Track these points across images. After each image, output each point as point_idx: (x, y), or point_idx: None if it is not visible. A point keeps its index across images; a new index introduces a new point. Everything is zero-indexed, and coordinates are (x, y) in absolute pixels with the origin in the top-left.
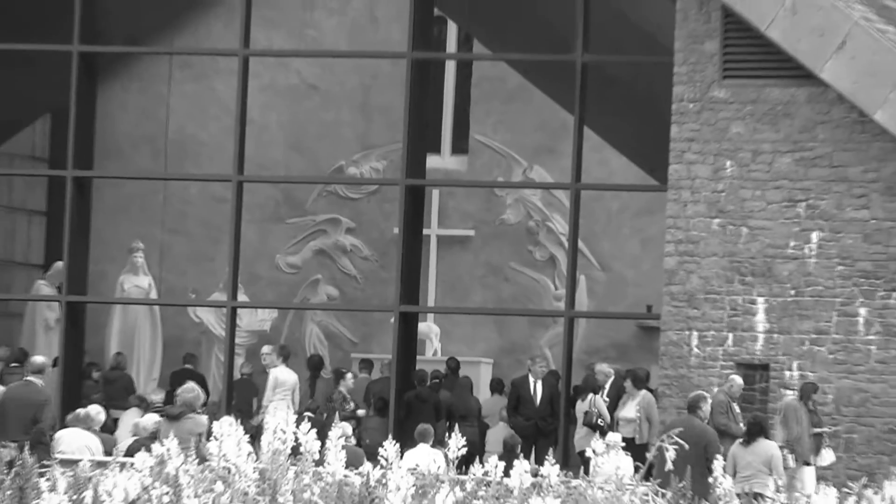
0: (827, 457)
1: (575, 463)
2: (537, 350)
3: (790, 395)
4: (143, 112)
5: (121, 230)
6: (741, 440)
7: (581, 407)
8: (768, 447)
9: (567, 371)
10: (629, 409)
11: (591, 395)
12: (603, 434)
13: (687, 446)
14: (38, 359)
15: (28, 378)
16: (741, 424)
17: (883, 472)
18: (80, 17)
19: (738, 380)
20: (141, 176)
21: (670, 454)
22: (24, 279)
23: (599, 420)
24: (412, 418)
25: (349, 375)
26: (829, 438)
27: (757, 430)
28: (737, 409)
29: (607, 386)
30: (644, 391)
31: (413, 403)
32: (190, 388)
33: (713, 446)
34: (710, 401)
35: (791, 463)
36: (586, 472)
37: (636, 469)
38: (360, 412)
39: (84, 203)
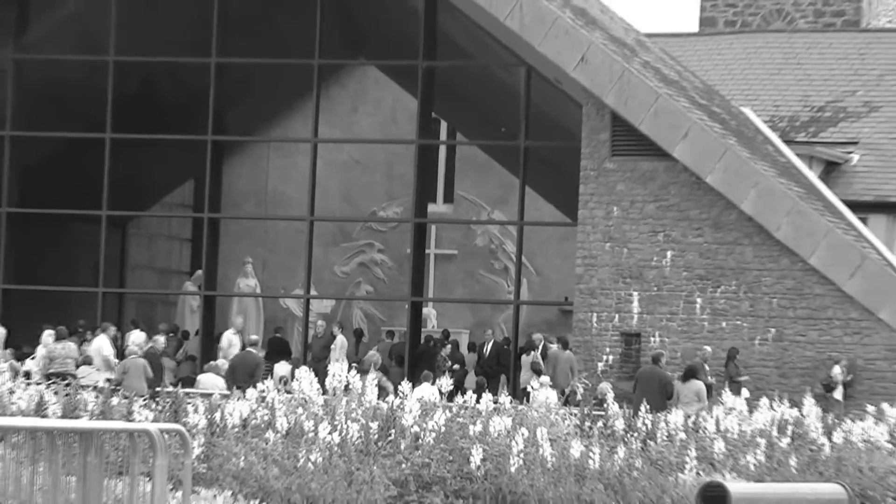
0: (744, 393)
1: (519, 395)
2: (496, 325)
3: (701, 354)
4: (251, 176)
5: (237, 250)
6: (679, 378)
7: (526, 360)
8: (698, 384)
9: (515, 337)
10: (564, 362)
11: (532, 352)
12: (539, 374)
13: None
14: (253, 337)
15: (248, 349)
16: (709, 377)
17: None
18: (212, 114)
19: (708, 349)
20: (250, 216)
21: (579, 389)
22: (178, 281)
23: (538, 367)
24: (420, 367)
25: (448, 346)
26: (744, 384)
27: (690, 374)
28: (706, 367)
29: (540, 346)
30: (568, 351)
31: (420, 357)
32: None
33: (668, 384)
34: (665, 355)
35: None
36: (527, 400)
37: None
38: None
39: (214, 233)
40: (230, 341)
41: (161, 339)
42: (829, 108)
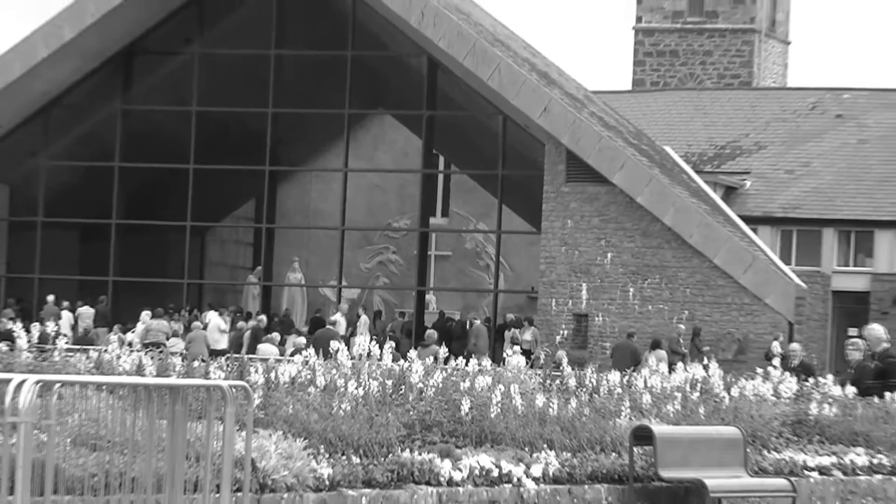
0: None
1: (498, 360)
2: (480, 308)
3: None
4: (298, 196)
5: (287, 252)
6: (649, 348)
7: (508, 335)
8: (661, 353)
9: (494, 318)
10: (528, 335)
11: (513, 329)
12: (515, 344)
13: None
14: (333, 318)
15: (328, 326)
16: (684, 349)
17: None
18: (269, 150)
19: (682, 327)
20: (297, 226)
21: (542, 355)
22: (243, 275)
23: (516, 340)
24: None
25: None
26: (706, 353)
27: (655, 345)
28: (681, 340)
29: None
30: (533, 327)
31: (425, 331)
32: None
33: (638, 353)
34: (635, 334)
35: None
36: (503, 364)
37: (530, 363)
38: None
39: (270, 239)
40: (337, 320)
41: (264, 318)
42: (728, 146)
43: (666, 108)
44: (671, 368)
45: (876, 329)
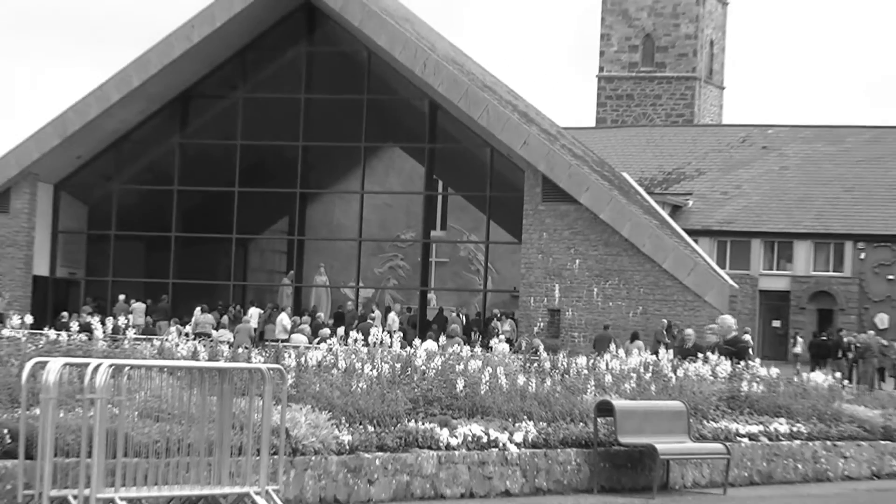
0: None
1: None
2: (472, 305)
3: (660, 325)
4: (323, 213)
5: (314, 259)
6: (629, 339)
7: (493, 325)
8: (639, 343)
9: (483, 312)
10: (507, 326)
11: (494, 321)
12: (498, 334)
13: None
14: (372, 315)
15: (368, 320)
16: (667, 339)
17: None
18: (300, 176)
19: (665, 321)
20: (323, 238)
21: (523, 343)
22: (278, 278)
23: (501, 332)
24: (426, 330)
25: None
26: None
27: (634, 336)
28: (664, 331)
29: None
30: (510, 319)
31: (428, 323)
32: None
33: (614, 341)
34: (610, 327)
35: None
36: (491, 350)
37: (514, 349)
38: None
39: (301, 248)
40: (375, 315)
41: (322, 315)
42: (674, 172)
43: (623, 141)
44: (656, 355)
45: (728, 319)
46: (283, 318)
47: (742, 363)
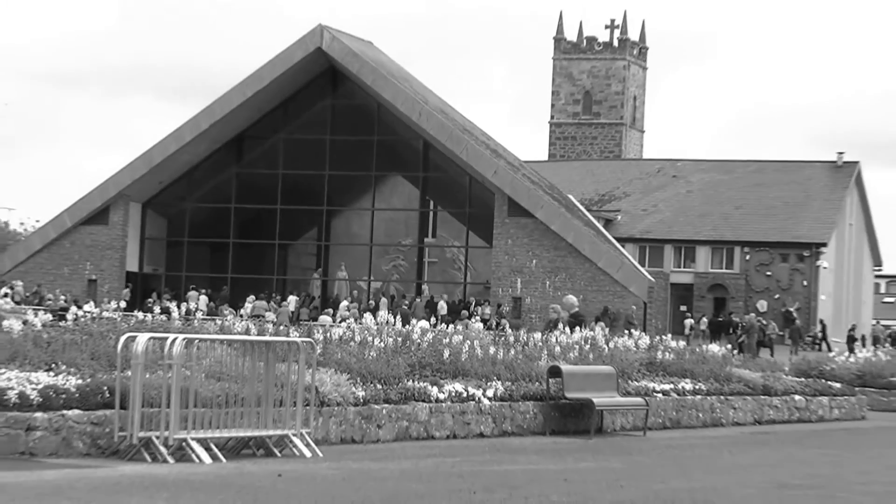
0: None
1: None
2: (456, 294)
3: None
4: (345, 225)
5: (337, 259)
6: (594, 321)
7: (472, 308)
8: (602, 324)
9: (464, 299)
10: (487, 309)
11: (479, 307)
12: (470, 317)
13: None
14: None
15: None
16: (634, 320)
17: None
18: (326, 196)
19: (634, 307)
20: (343, 243)
21: (494, 323)
22: (310, 274)
23: (482, 315)
24: (419, 314)
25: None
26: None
27: (598, 319)
28: (634, 316)
29: (473, 303)
30: (489, 305)
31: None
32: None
33: (583, 322)
34: (582, 311)
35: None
36: (467, 328)
37: (489, 327)
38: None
39: (327, 251)
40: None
41: (355, 305)
42: (606, 195)
43: (568, 171)
44: (629, 333)
45: (571, 298)
46: (330, 316)
47: (580, 329)
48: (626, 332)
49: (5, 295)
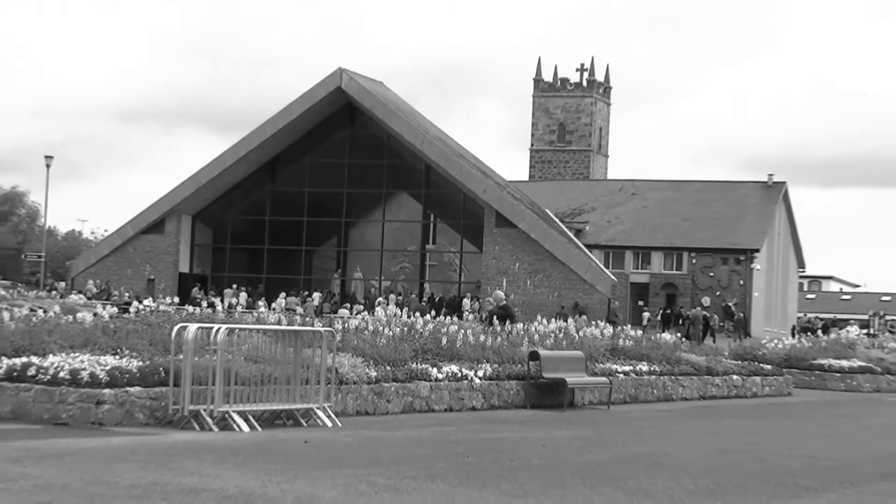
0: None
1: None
2: (453, 291)
3: (614, 306)
4: (360, 234)
5: (354, 262)
6: (577, 314)
7: (465, 304)
8: (584, 317)
9: (459, 295)
10: (476, 304)
11: (469, 301)
12: (469, 310)
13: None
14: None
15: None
16: (617, 314)
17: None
18: (344, 209)
19: (616, 302)
20: (359, 249)
21: (484, 316)
22: (331, 274)
23: (472, 308)
24: (416, 307)
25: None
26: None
27: (582, 312)
28: (617, 309)
29: (467, 297)
30: (473, 300)
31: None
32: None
33: (567, 315)
34: (565, 306)
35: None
36: (462, 318)
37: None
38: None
39: (345, 256)
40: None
41: (392, 298)
42: (578, 209)
43: (546, 190)
44: (614, 325)
45: (499, 293)
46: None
47: (509, 322)
48: (611, 322)
49: (79, 292)
